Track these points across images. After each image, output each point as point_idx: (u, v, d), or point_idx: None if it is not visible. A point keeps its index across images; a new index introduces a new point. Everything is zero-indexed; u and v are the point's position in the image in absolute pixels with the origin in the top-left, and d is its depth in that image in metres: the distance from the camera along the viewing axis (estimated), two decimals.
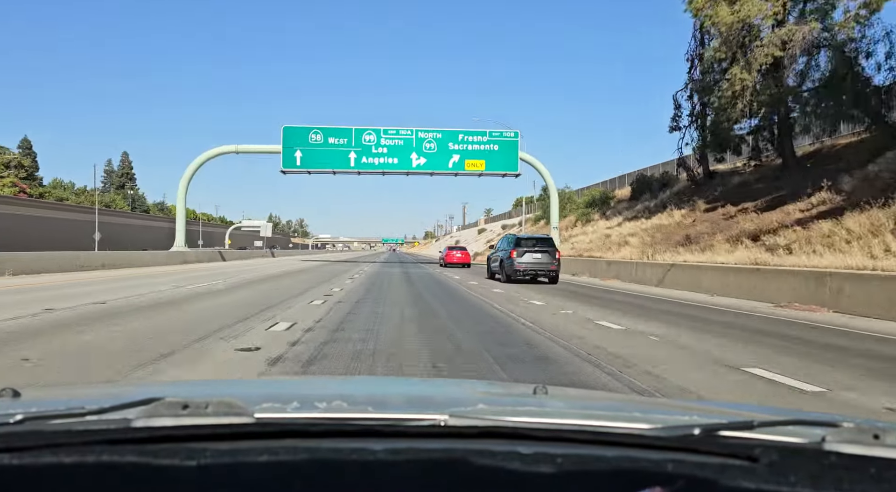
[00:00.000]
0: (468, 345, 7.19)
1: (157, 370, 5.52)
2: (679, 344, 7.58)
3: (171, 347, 6.71)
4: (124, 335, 7.52)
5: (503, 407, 1.35)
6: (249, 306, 11.33)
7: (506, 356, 6.43)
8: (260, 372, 5.56)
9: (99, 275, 21.78)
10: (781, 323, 10.06)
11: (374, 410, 1.11)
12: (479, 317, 10.29)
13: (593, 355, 6.58)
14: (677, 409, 1.61)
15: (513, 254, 21.06)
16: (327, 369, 5.68)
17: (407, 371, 5.61)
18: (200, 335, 7.59)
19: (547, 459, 0.84)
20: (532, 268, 20.86)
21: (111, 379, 5.12)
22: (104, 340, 7.11)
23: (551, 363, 6.12)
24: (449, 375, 5.44)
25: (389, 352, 6.60)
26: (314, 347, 6.85)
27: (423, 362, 6.05)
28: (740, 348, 7.29)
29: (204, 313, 10.29)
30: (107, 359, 6.00)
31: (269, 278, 21.95)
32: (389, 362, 6.02)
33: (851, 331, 9.11)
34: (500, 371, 5.70)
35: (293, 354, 6.43)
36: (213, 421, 0.88)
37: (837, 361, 6.50)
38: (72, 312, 9.79)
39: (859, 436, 0.89)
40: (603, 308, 12.07)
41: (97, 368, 5.63)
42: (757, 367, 6.03)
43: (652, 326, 9.26)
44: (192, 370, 5.65)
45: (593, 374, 5.64)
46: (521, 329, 8.67)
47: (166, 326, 8.43)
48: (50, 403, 1.30)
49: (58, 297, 12.47)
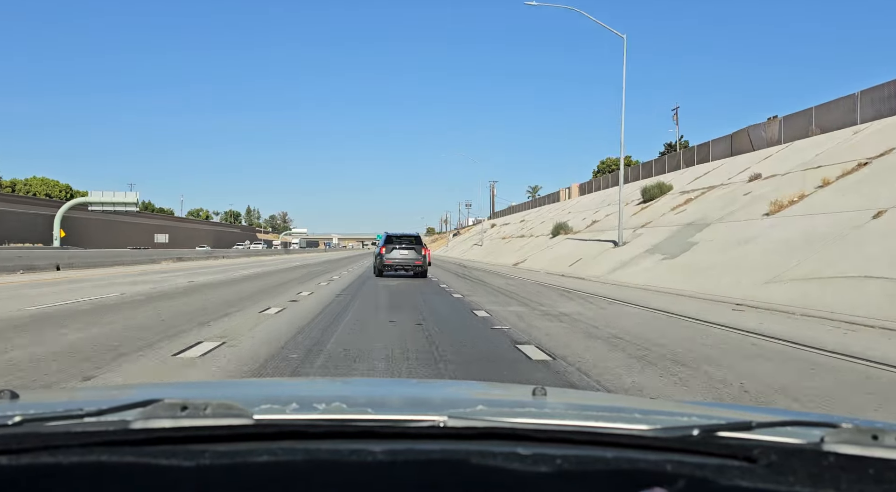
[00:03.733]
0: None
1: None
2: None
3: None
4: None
5: (502, 408, 1.35)
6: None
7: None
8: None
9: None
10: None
11: (373, 411, 1.11)
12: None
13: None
14: (676, 409, 1.61)
15: (382, 251, 22.85)
16: None
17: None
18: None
19: (546, 460, 0.84)
20: (399, 263, 22.66)
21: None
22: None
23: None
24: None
25: None
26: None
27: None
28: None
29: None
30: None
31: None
32: None
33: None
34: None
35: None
36: (212, 423, 0.88)
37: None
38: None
39: (858, 437, 0.89)
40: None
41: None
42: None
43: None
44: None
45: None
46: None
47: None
48: (48, 404, 1.30)
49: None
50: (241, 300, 12.51)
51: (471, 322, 9.66)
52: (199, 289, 15.75)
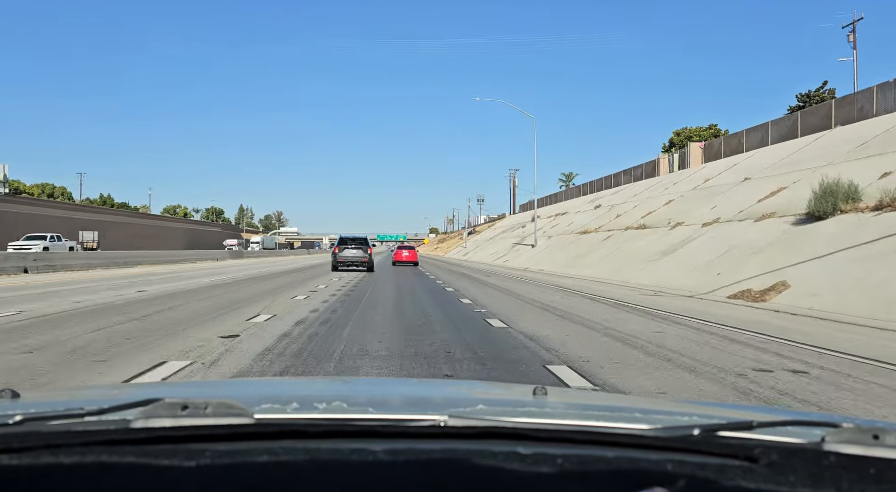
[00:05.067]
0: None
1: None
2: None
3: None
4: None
5: (503, 408, 1.35)
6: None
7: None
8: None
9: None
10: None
11: (374, 410, 1.11)
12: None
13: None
14: (677, 409, 1.61)
15: (335, 250, 28.69)
16: None
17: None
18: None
19: (547, 459, 0.84)
20: (350, 260, 28.13)
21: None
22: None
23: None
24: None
25: None
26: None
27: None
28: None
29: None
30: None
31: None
32: None
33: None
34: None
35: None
36: (212, 422, 0.88)
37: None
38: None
39: (859, 436, 0.89)
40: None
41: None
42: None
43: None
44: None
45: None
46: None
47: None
48: (49, 404, 1.29)
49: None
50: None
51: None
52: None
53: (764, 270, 15.13)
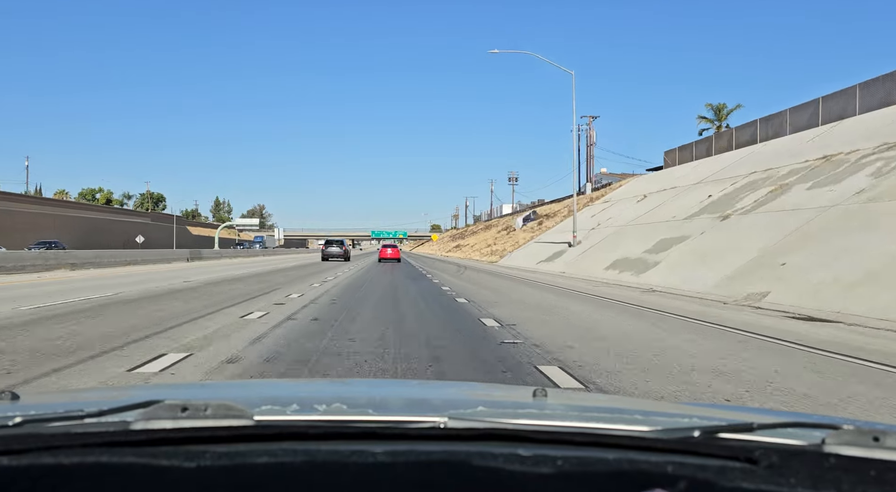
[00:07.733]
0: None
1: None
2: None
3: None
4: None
5: (503, 409, 1.35)
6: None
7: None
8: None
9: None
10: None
11: (374, 412, 1.11)
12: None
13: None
14: (677, 411, 1.61)
15: (323, 247, 46.99)
16: None
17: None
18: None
19: (547, 461, 0.84)
20: (332, 254, 44.97)
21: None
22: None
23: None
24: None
25: None
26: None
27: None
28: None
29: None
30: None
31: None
32: None
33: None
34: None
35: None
36: (212, 423, 0.88)
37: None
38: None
39: (859, 438, 0.89)
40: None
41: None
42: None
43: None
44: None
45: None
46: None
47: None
48: (48, 406, 1.29)
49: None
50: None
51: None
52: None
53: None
